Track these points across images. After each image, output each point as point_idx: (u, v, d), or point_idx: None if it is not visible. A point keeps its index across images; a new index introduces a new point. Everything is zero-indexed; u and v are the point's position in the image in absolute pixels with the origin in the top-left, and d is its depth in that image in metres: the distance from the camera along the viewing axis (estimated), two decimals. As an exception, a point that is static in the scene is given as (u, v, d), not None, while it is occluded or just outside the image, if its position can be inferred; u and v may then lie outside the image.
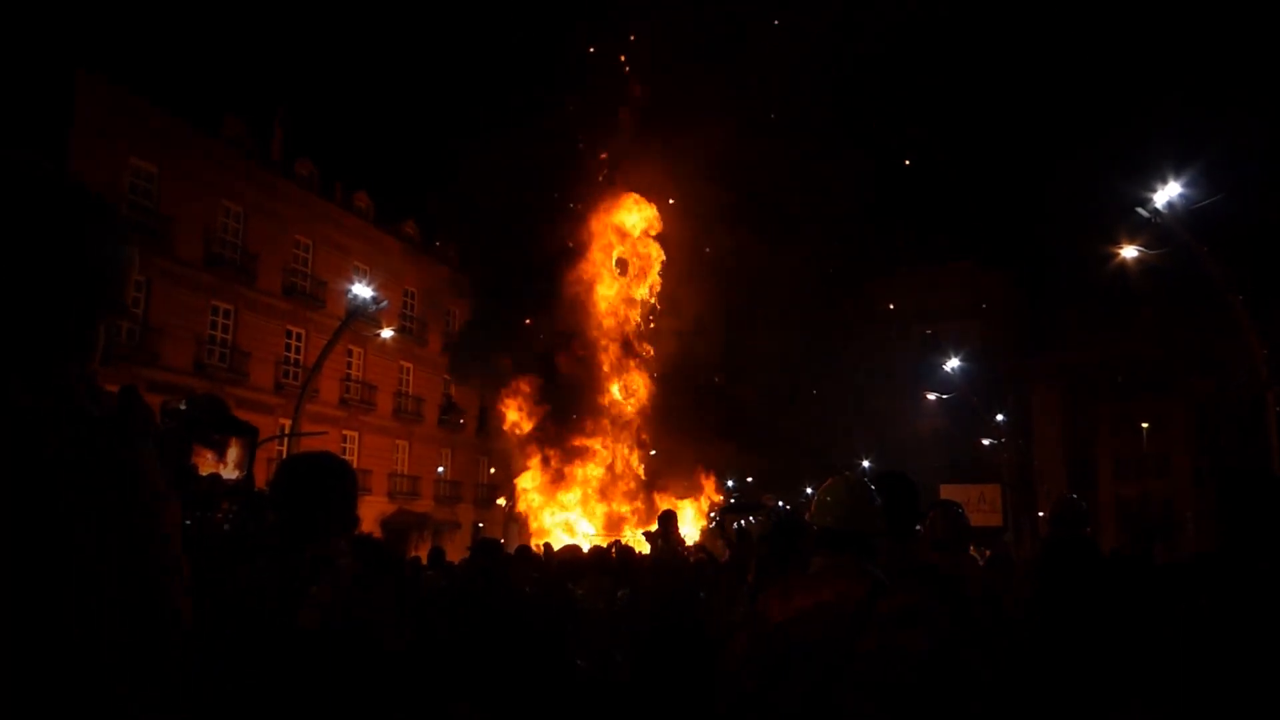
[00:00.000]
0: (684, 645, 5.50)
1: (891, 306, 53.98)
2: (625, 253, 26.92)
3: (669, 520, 9.37)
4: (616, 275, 26.82)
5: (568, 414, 26.00)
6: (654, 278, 26.79)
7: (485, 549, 7.12)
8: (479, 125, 25.57)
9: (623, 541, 16.18)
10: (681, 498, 25.07)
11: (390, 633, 2.40)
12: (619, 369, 26.30)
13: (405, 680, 2.40)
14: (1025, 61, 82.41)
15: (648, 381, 26.57)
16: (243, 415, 3.99)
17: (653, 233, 26.75)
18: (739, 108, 24.33)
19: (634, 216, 26.67)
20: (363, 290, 24.79)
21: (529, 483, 25.64)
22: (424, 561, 10.43)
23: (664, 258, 26.66)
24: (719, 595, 6.10)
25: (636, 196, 26.58)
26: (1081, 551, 3.40)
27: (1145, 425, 48.44)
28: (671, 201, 26.20)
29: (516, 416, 25.66)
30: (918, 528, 3.81)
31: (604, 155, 26.30)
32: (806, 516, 3.12)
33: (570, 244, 25.93)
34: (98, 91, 25.06)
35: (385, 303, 26.82)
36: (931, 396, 39.46)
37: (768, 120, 24.77)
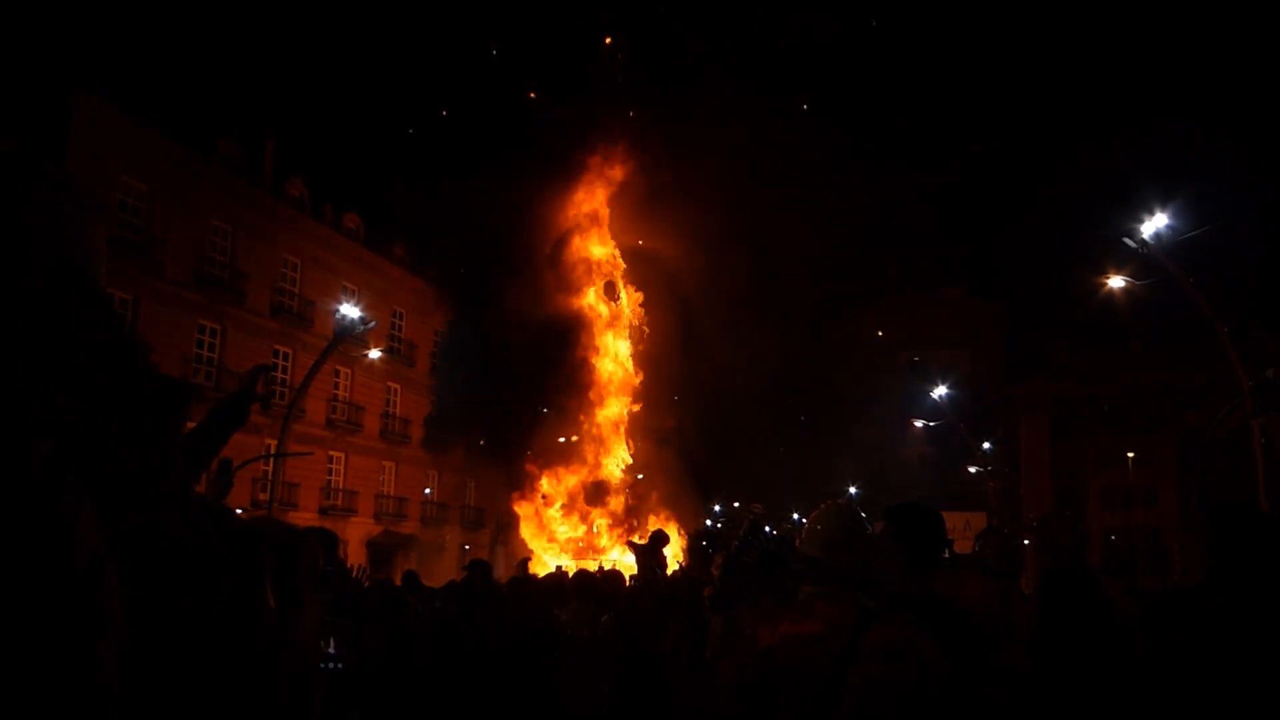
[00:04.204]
0: (668, 673, 5.42)
1: (880, 334, 54.16)
2: (613, 278, 26.97)
3: (658, 540, 9.24)
4: (604, 300, 26.84)
5: (555, 439, 25.93)
6: (638, 305, 26.84)
7: (480, 570, 7.00)
8: (471, 151, 25.43)
9: (607, 566, 16.07)
10: (668, 521, 24.95)
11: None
12: (607, 392, 26.27)
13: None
14: (1015, 92, 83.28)
15: (636, 405, 26.54)
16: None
17: (640, 257, 26.83)
18: (728, 135, 24.41)
19: (620, 242, 26.77)
20: (351, 310, 24.70)
21: (522, 510, 25.53)
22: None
23: (650, 283, 26.72)
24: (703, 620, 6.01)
25: (625, 221, 26.65)
26: (1082, 586, 3.36)
27: (1131, 455, 48.62)
28: (660, 218, 26.28)
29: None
30: (946, 556, 3.69)
31: (593, 178, 26.34)
32: (797, 543, 3.07)
33: (558, 268, 25.93)
34: (91, 111, 25.07)
35: (373, 323, 26.72)
36: (919, 424, 39.51)
37: (758, 147, 24.84)
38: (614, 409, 26.38)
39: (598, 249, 26.53)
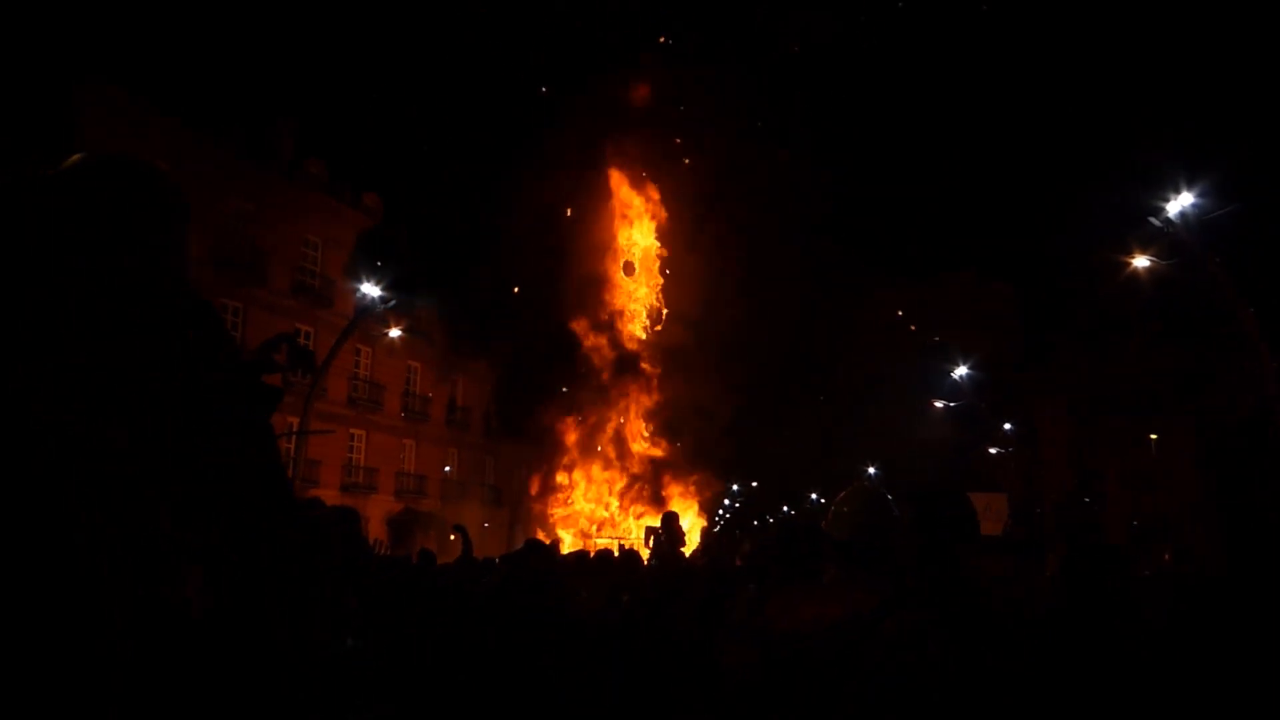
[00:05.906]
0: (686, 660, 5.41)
1: (900, 313, 53.90)
2: (631, 256, 26.97)
3: (671, 521, 9.31)
4: (623, 277, 26.86)
5: (574, 419, 26.01)
6: (657, 280, 26.85)
7: (538, 553, 6.91)
8: (489, 127, 25.41)
9: (626, 545, 16.16)
10: (685, 500, 25.03)
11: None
12: (627, 371, 26.32)
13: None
14: (1036, 74, 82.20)
15: (655, 385, 26.57)
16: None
17: (657, 237, 26.80)
18: (747, 114, 24.30)
19: (640, 220, 26.73)
20: (371, 289, 24.74)
21: (546, 488, 25.69)
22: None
23: (667, 262, 26.70)
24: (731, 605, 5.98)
25: (643, 199, 26.61)
26: (1105, 564, 3.34)
27: (1155, 436, 48.18)
28: (677, 202, 26.21)
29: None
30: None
31: (610, 154, 26.24)
32: (823, 525, 3.05)
33: (578, 245, 25.93)
34: (104, 96, 25.16)
35: (394, 301, 26.78)
36: (939, 404, 39.35)
37: (776, 129, 24.76)
38: (632, 390, 26.43)
39: (617, 231, 26.52)
